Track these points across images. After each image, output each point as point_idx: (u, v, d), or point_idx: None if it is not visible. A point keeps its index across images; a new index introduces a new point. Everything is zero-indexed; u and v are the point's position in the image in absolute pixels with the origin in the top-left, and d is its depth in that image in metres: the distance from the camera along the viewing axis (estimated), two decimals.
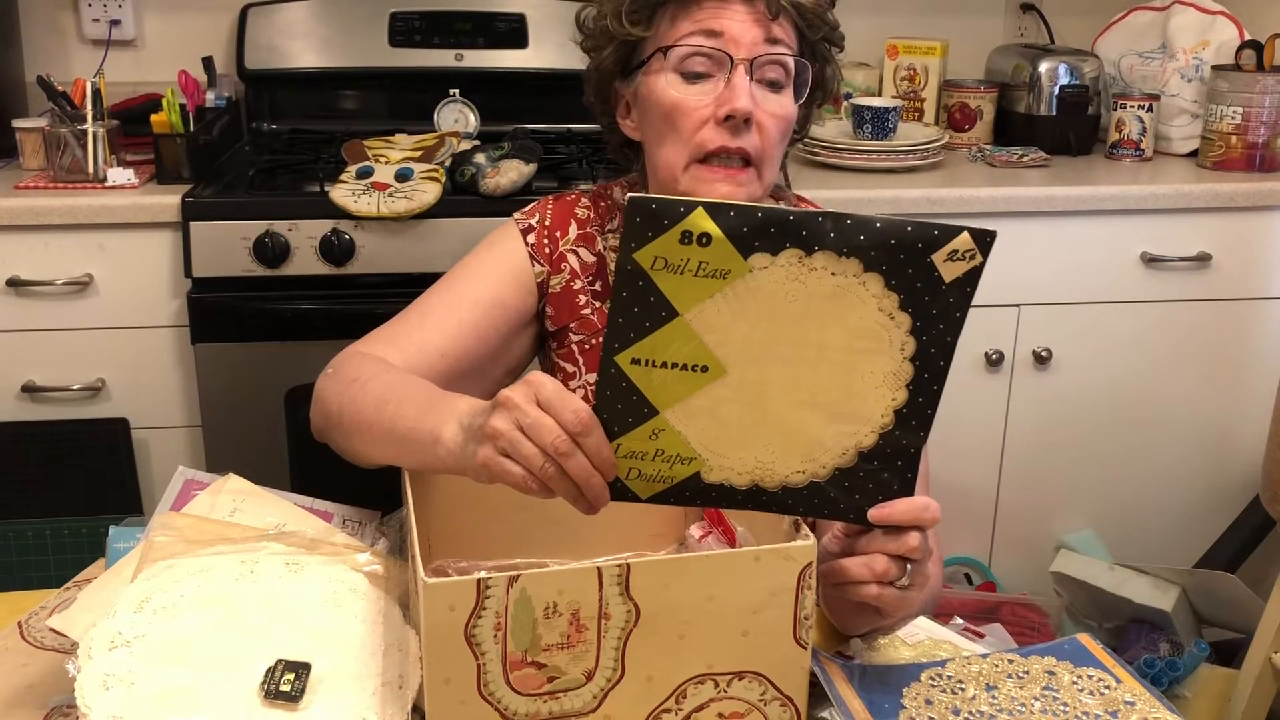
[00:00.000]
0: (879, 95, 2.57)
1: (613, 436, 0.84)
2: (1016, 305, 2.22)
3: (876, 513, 0.90)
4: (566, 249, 1.33)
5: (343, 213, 1.93)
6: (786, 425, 0.85)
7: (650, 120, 1.25)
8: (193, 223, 1.95)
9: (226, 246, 1.95)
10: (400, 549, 1.10)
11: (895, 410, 0.85)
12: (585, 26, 1.32)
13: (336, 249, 1.95)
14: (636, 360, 0.81)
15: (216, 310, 1.98)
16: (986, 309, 2.18)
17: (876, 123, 2.31)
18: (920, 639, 1.07)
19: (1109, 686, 0.95)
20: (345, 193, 1.95)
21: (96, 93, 2.11)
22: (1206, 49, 2.44)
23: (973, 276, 0.82)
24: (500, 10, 2.46)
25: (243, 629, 0.94)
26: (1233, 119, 2.30)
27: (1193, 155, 2.43)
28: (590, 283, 1.32)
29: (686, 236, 0.77)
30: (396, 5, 2.42)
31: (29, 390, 2.04)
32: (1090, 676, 0.97)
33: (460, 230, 1.94)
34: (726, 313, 0.79)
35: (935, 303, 0.81)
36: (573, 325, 1.32)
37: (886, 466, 0.87)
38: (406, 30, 2.42)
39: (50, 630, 0.97)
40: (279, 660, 0.90)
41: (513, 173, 1.97)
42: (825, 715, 0.93)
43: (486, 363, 1.29)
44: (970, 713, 0.93)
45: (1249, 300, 2.28)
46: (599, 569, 0.83)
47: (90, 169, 2.07)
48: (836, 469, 0.87)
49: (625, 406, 0.83)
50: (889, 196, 2.12)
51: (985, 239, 0.81)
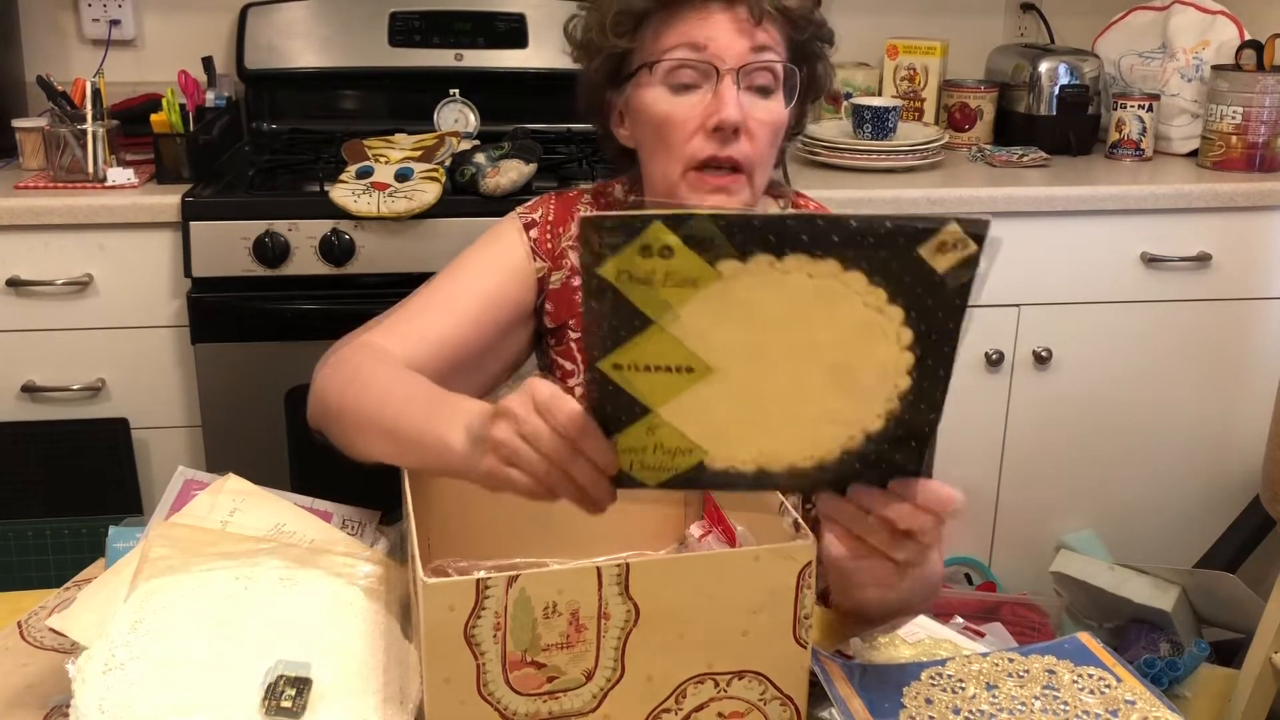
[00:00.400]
0: (879, 95, 2.57)
1: (609, 434, 0.84)
2: (1016, 305, 2.22)
3: (898, 485, 0.87)
4: (567, 245, 1.33)
5: (343, 213, 1.93)
6: (786, 420, 0.84)
7: (642, 132, 1.26)
8: (193, 223, 1.95)
9: (226, 246, 1.95)
10: (400, 549, 1.10)
11: (899, 395, 0.84)
12: (573, 38, 1.31)
13: (336, 249, 1.95)
14: (619, 365, 0.80)
15: (216, 310, 1.98)
16: (986, 309, 2.18)
17: (876, 123, 2.31)
18: (920, 638, 1.06)
19: (1109, 685, 0.95)
20: (345, 193, 1.95)
21: (96, 93, 2.11)
22: (1206, 49, 2.44)
23: (969, 264, 0.81)
24: (500, 10, 2.46)
25: (240, 646, 0.93)
26: (1233, 119, 2.30)
27: (1193, 155, 2.43)
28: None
29: (647, 250, 0.76)
30: (396, 5, 2.42)
31: (29, 390, 2.04)
32: (1091, 675, 0.97)
33: (460, 230, 1.94)
34: (705, 318, 0.79)
35: (931, 294, 0.81)
36: (571, 322, 1.32)
37: (897, 448, 0.86)
38: (406, 30, 2.42)
39: (50, 630, 0.97)
40: (279, 676, 0.89)
41: (513, 173, 1.97)
42: (825, 715, 0.93)
43: (484, 356, 1.29)
44: (970, 712, 0.93)
45: (1249, 300, 2.28)
46: (598, 569, 0.83)
47: (90, 169, 2.07)
48: (844, 450, 0.86)
49: (616, 407, 0.82)
50: (889, 196, 2.12)
51: (978, 227, 0.80)
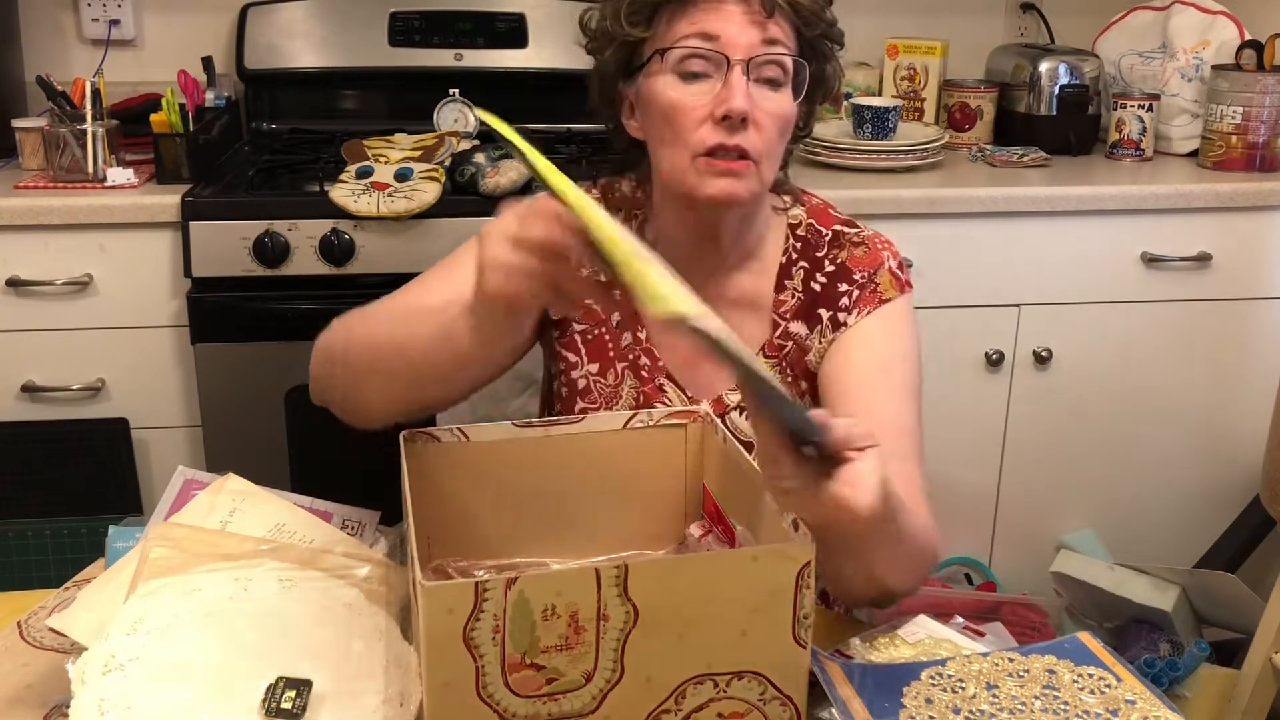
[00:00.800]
0: (879, 95, 2.57)
1: None
2: (1016, 305, 2.22)
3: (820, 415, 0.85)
4: None
5: (343, 212, 1.93)
6: None
7: (651, 120, 1.26)
8: (192, 222, 1.95)
9: (226, 246, 1.95)
10: (400, 550, 1.10)
11: None
12: (588, 28, 1.32)
13: (336, 249, 1.95)
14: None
15: (216, 310, 1.98)
16: (986, 309, 2.19)
17: (876, 122, 2.31)
18: (920, 638, 1.06)
19: (1110, 685, 0.95)
20: (345, 192, 1.95)
21: (96, 92, 2.11)
22: (1207, 49, 2.44)
23: None
24: (500, 10, 2.46)
25: (239, 648, 0.93)
26: (1233, 119, 2.30)
27: (1193, 155, 2.43)
28: (595, 274, 1.32)
29: None
30: (396, 5, 2.42)
31: (29, 390, 2.04)
32: (1091, 675, 0.97)
33: (460, 230, 1.94)
34: None
35: None
36: (575, 315, 1.32)
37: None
38: (406, 30, 2.42)
39: (50, 630, 0.97)
40: (279, 678, 0.89)
41: (512, 172, 1.97)
42: (825, 715, 0.93)
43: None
44: (971, 711, 0.93)
45: (1249, 300, 2.28)
46: (597, 570, 0.83)
47: (90, 169, 2.07)
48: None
49: None
50: (889, 196, 2.12)
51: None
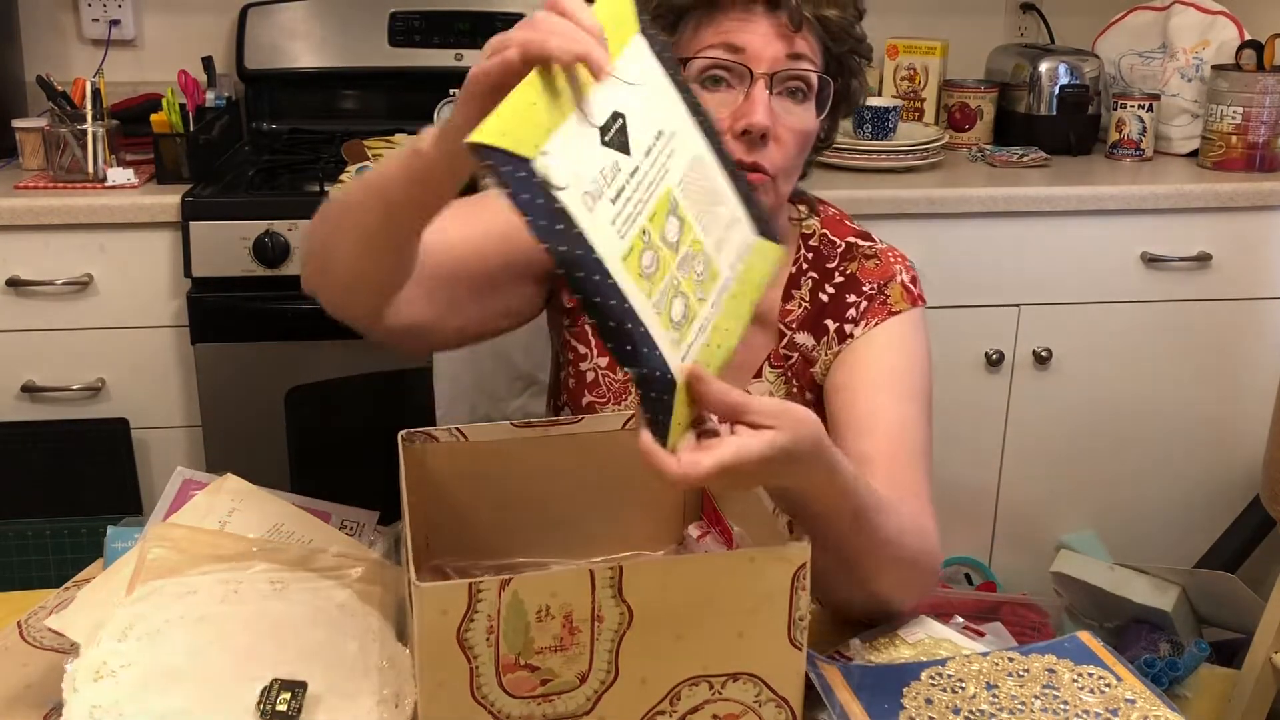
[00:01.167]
0: (879, 95, 2.57)
1: None
2: (1016, 305, 2.22)
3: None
4: None
5: None
6: None
7: None
8: (192, 222, 1.95)
9: (226, 246, 1.95)
10: (398, 550, 1.11)
11: None
12: None
13: None
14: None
15: (216, 310, 1.98)
16: (986, 309, 2.18)
17: (876, 122, 2.31)
18: (920, 638, 1.06)
19: (1110, 685, 0.95)
20: None
21: (96, 92, 2.11)
22: (1206, 49, 2.44)
23: None
24: (500, 10, 2.46)
25: (232, 651, 0.93)
26: (1233, 119, 2.30)
27: (1193, 155, 2.43)
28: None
29: None
30: (396, 5, 2.42)
31: (29, 390, 2.04)
32: (1091, 674, 0.97)
33: None
34: None
35: None
36: None
37: None
38: (406, 30, 2.42)
39: (49, 630, 0.97)
40: (274, 679, 0.89)
41: None
42: (823, 718, 0.93)
43: (483, 285, 1.24)
44: (971, 711, 0.92)
45: (1249, 300, 2.28)
46: (591, 571, 0.83)
47: (90, 169, 2.07)
48: None
49: None
50: (889, 196, 2.12)
51: None
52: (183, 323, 2.02)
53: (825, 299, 1.28)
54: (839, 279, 1.29)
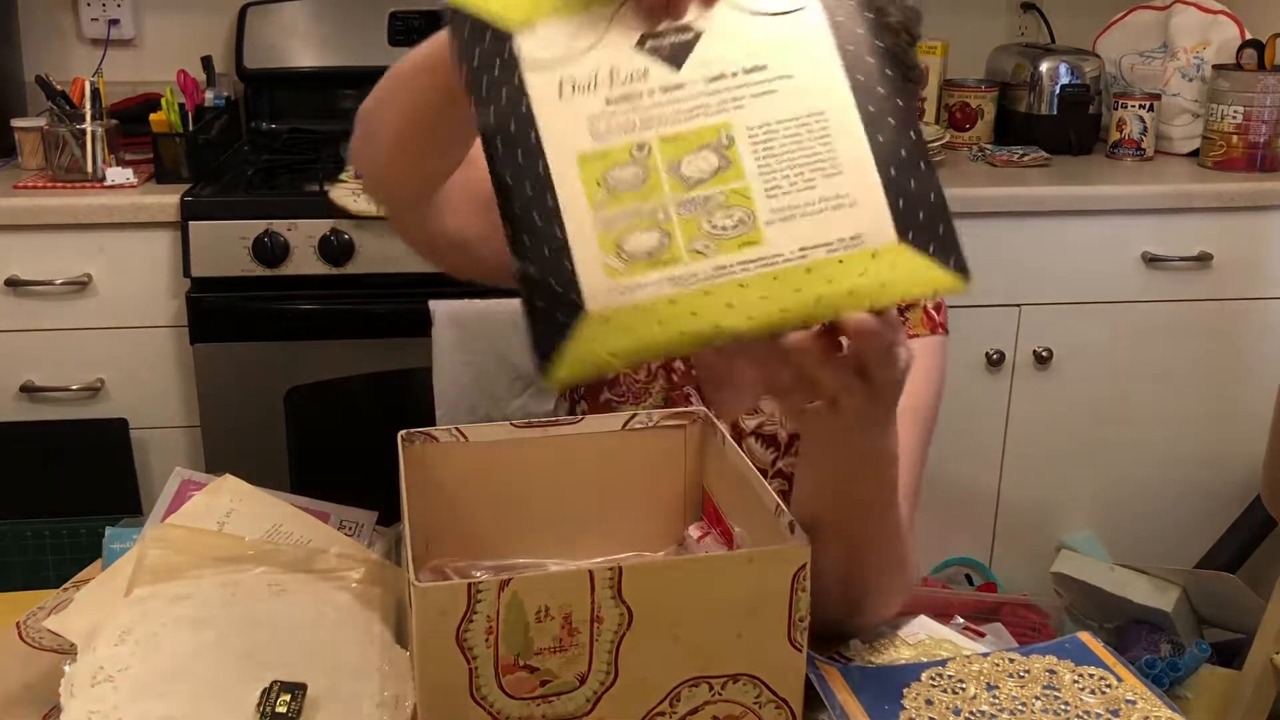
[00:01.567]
0: None
1: None
2: (1016, 305, 2.22)
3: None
4: None
5: (342, 212, 1.93)
6: None
7: None
8: (192, 222, 1.95)
9: (226, 246, 1.95)
10: (397, 551, 1.10)
11: None
12: None
13: (336, 249, 1.95)
14: None
15: (216, 310, 1.98)
16: (986, 309, 2.18)
17: None
18: (920, 638, 1.06)
19: (1110, 685, 0.95)
20: (345, 192, 1.95)
21: (95, 92, 2.11)
22: (1207, 48, 2.44)
23: None
24: None
25: (231, 654, 0.92)
26: (1234, 119, 2.30)
27: (1194, 155, 2.43)
28: None
29: None
30: (396, 5, 2.42)
31: (28, 390, 2.04)
32: (1091, 675, 0.97)
33: None
34: None
35: None
36: None
37: None
38: (406, 30, 2.42)
39: (48, 631, 0.97)
40: (274, 681, 0.88)
41: None
42: (824, 718, 0.93)
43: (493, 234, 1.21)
44: (971, 712, 0.92)
45: (1249, 300, 2.28)
46: (590, 572, 0.83)
47: (89, 168, 2.07)
48: None
49: None
50: None
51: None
52: (182, 322, 2.01)
53: None
54: None
